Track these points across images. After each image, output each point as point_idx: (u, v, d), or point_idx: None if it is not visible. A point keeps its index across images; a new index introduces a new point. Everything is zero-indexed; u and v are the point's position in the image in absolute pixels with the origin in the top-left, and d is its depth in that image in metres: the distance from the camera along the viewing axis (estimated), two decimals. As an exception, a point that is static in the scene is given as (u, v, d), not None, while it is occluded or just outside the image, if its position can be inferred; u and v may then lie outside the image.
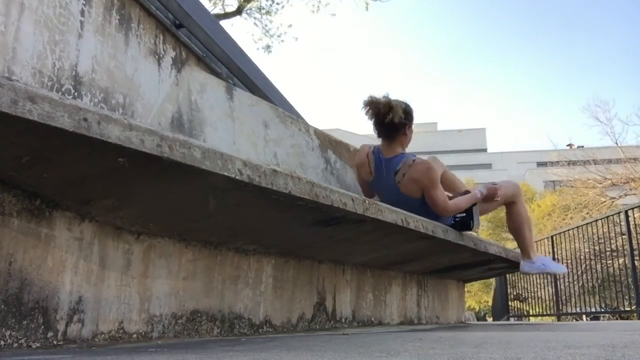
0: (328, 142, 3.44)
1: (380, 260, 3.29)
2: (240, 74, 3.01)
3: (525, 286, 11.01)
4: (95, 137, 1.29)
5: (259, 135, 2.76)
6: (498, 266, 4.16)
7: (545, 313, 9.61)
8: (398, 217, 2.57)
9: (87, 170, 1.46)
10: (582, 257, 8.88)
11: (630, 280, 7.14)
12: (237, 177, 1.68)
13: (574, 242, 8.81)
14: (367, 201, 2.35)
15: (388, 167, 3.14)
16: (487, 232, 27.48)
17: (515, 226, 3.62)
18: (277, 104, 3.26)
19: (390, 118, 3.06)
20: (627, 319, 7.69)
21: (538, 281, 9.93)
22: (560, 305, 8.85)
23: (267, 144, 2.80)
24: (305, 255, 2.76)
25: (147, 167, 1.50)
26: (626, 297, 7.66)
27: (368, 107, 3.11)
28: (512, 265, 4.39)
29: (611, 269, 8.52)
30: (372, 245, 2.86)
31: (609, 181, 17.08)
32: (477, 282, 22.42)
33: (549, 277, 9.27)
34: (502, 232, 27.71)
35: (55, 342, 1.60)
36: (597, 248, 8.58)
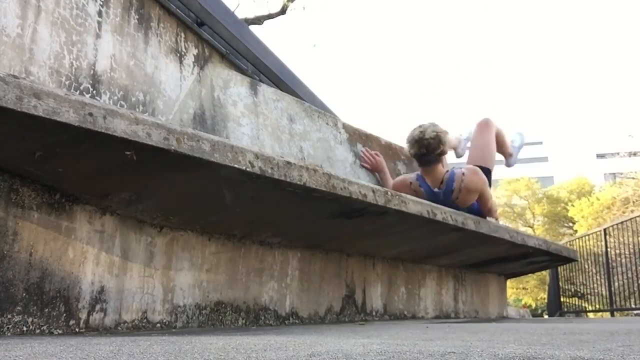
0: (357, 136, 3.44)
1: (412, 254, 3.26)
2: (266, 70, 3.04)
3: (583, 282, 10.62)
4: (101, 131, 1.34)
5: (283, 129, 2.78)
6: (539, 259, 4.04)
7: (600, 309, 9.26)
8: (424, 209, 2.54)
9: (99, 164, 1.52)
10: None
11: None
12: (248, 169, 1.70)
13: (636, 236, 8.42)
14: (389, 192, 2.34)
15: (446, 194, 3.20)
16: (542, 227, 26.69)
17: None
18: (304, 99, 3.28)
19: (442, 149, 3.18)
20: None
21: (597, 277, 9.56)
22: (620, 301, 8.49)
23: (293, 138, 2.82)
24: (332, 248, 2.77)
25: (157, 160, 1.54)
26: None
27: (418, 144, 3.16)
28: (555, 259, 4.26)
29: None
30: (401, 238, 2.84)
31: (673, 172, 16.22)
32: (533, 279, 21.78)
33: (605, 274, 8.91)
34: (559, 227, 26.85)
35: (77, 330, 1.68)
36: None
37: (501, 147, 3.89)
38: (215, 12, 2.51)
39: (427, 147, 3.14)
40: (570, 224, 24.94)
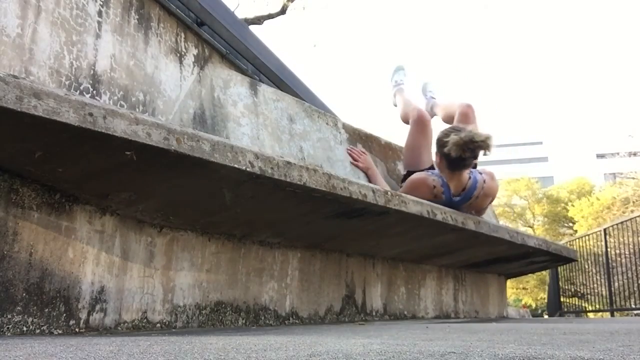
0: (357, 136, 3.44)
1: (412, 254, 3.26)
2: (266, 70, 3.05)
3: (583, 282, 10.61)
4: (101, 131, 1.34)
5: (284, 129, 2.78)
6: (540, 259, 4.04)
7: (600, 309, 9.25)
8: (424, 209, 2.54)
9: (98, 164, 1.52)
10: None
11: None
12: (248, 169, 1.70)
13: (636, 236, 8.42)
14: (389, 192, 2.34)
15: (462, 201, 3.02)
16: (542, 227, 26.70)
17: None
18: (304, 99, 3.28)
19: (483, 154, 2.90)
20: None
21: (597, 277, 9.56)
22: (620, 301, 8.49)
23: (293, 138, 2.82)
24: (332, 248, 2.77)
25: (156, 161, 1.54)
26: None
27: (463, 147, 2.80)
28: (555, 259, 4.26)
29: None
30: (401, 238, 2.84)
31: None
32: (533, 279, 21.79)
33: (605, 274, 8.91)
34: (559, 227, 26.86)
35: (77, 330, 1.68)
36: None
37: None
38: (215, 12, 2.52)
39: (473, 151, 2.81)
40: (570, 224, 24.96)
